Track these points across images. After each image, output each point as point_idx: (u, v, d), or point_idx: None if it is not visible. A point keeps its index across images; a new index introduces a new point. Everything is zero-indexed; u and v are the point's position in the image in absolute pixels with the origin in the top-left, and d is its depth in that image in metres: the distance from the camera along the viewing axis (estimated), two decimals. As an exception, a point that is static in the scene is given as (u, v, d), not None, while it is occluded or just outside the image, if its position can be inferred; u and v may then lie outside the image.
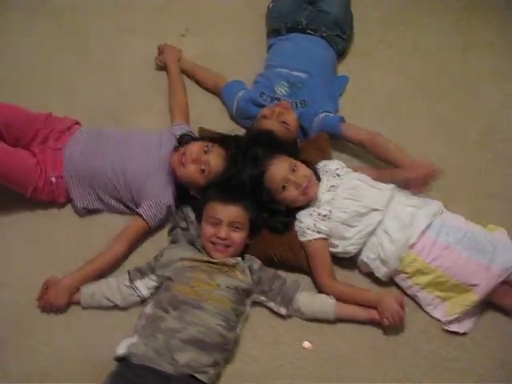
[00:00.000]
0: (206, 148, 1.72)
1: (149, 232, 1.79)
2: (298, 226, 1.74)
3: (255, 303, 1.65)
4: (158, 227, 1.81)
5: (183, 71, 2.21)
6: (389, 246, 1.67)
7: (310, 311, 1.63)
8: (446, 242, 1.65)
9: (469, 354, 1.61)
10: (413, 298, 1.70)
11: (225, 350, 1.52)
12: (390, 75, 2.29)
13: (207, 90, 2.20)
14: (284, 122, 1.85)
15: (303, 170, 1.72)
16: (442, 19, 2.51)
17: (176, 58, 2.22)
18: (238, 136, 1.89)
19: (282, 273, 1.71)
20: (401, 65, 2.34)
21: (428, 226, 1.67)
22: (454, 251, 1.64)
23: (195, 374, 1.44)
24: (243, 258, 1.67)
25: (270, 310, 1.65)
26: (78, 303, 1.65)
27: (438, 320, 1.66)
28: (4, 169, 1.72)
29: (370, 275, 1.73)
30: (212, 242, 1.63)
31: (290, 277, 1.69)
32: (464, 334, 1.64)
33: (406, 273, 1.67)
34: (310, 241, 1.70)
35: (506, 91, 2.24)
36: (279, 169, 1.70)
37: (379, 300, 1.60)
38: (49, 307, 1.63)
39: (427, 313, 1.68)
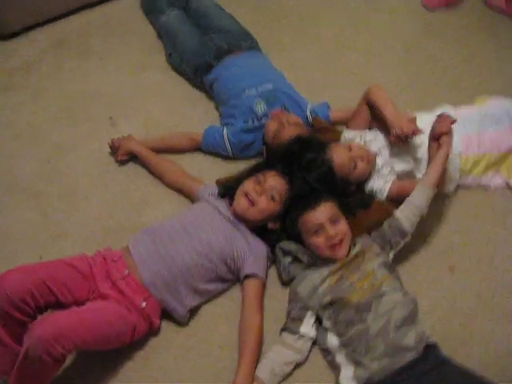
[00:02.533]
0: (258, 179, 1.77)
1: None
2: (375, 193, 1.89)
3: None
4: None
5: (151, 149, 2.13)
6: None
7: (419, 210, 1.70)
8: (475, 130, 1.94)
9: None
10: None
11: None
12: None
13: (184, 151, 2.17)
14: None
15: (355, 145, 1.88)
16: None
17: (136, 141, 2.14)
18: (264, 161, 1.96)
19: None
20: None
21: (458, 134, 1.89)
22: (486, 132, 1.94)
23: (428, 342, 1.52)
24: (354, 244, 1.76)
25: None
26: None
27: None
28: (104, 333, 1.51)
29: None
30: (330, 247, 1.69)
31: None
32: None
33: (468, 171, 1.94)
34: (389, 190, 1.87)
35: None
36: (341, 154, 1.82)
37: (432, 131, 1.75)
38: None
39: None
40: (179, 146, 2.16)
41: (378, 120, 1.96)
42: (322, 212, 1.70)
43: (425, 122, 1.92)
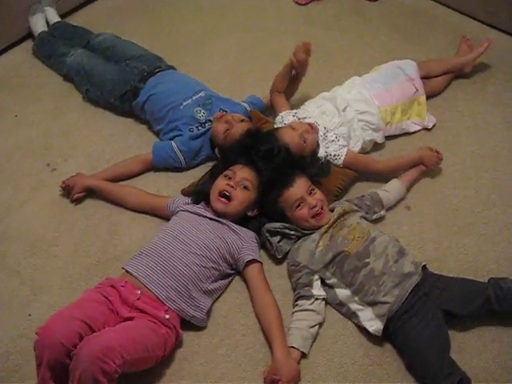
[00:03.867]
0: (228, 175, 1.90)
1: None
2: (329, 158, 2.10)
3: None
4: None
5: (106, 179, 2.15)
6: (371, 118, 2.21)
7: (393, 200, 2.05)
8: (381, 88, 2.29)
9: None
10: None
11: None
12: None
13: (136, 174, 2.20)
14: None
15: (296, 123, 2.12)
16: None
17: (88, 176, 2.14)
18: (220, 162, 2.09)
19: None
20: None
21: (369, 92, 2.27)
22: (391, 87, 2.30)
23: (423, 264, 1.76)
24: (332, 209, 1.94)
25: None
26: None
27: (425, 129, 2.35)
28: (143, 346, 1.54)
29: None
30: (314, 217, 1.85)
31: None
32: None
33: (389, 122, 2.27)
34: (345, 157, 2.10)
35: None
36: (291, 135, 2.03)
37: (421, 156, 2.12)
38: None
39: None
40: (131, 170, 2.20)
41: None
42: (299, 187, 1.87)
43: (342, 93, 2.26)
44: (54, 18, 2.83)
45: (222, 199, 1.86)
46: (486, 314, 1.71)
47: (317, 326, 1.74)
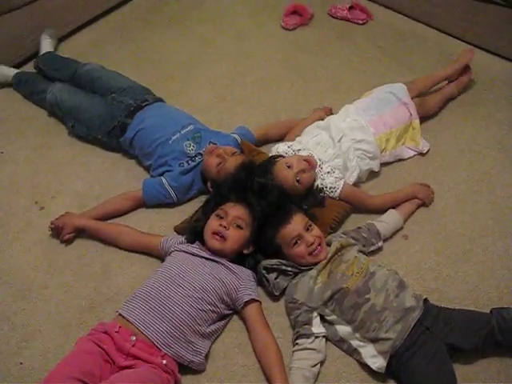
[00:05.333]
0: (219, 215, 1.85)
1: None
2: (325, 190, 2.07)
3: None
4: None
5: (94, 219, 2.09)
6: (368, 147, 2.18)
7: (390, 230, 2.02)
8: (375, 115, 2.26)
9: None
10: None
11: None
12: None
13: (127, 212, 2.15)
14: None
15: (293, 159, 2.05)
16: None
17: (78, 215, 2.09)
18: (213, 195, 2.03)
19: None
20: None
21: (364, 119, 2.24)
22: (384, 114, 2.27)
23: (424, 298, 1.73)
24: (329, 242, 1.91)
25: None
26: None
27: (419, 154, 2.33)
28: None
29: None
30: (311, 253, 1.81)
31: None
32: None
33: (384, 149, 2.24)
34: (341, 190, 2.07)
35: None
36: (285, 176, 1.99)
37: (415, 191, 2.12)
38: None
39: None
40: (121, 208, 2.15)
41: None
42: (296, 223, 1.83)
43: (337, 122, 2.22)
44: (47, 48, 2.80)
45: (217, 236, 1.82)
46: (490, 346, 1.68)
47: (318, 365, 1.70)
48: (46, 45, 2.82)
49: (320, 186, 2.06)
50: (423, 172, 2.28)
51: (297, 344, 1.73)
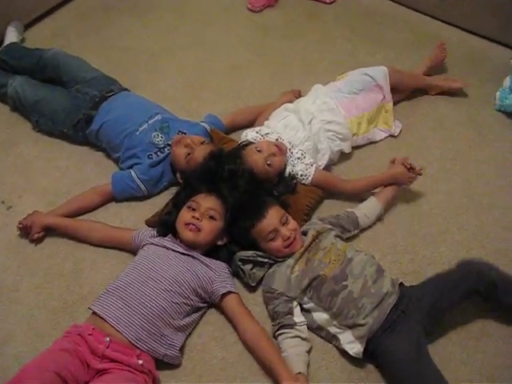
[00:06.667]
0: (191, 207, 1.82)
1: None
2: (297, 177, 2.04)
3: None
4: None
5: (64, 216, 2.03)
6: (338, 128, 2.15)
7: (369, 222, 1.99)
8: (347, 98, 2.23)
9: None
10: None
11: None
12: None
13: (97, 207, 2.10)
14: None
15: (263, 144, 2.01)
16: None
17: (46, 214, 2.03)
18: (183, 186, 2.00)
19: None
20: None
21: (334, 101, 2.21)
22: (357, 96, 2.24)
23: (400, 282, 1.74)
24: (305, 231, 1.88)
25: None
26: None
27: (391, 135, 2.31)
28: None
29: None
30: (287, 246, 1.79)
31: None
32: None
33: (356, 132, 2.21)
34: (313, 176, 2.04)
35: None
36: (255, 159, 1.95)
37: (393, 175, 2.02)
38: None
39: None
40: (91, 203, 2.09)
41: None
42: (272, 217, 1.80)
43: (306, 105, 2.19)
44: (11, 40, 2.70)
45: (191, 226, 1.78)
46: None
47: (309, 351, 1.69)
48: (11, 36, 2.72)
49: (291, 172, 2.02)
50: (395, 153, 2.24)
51: (281, 334, 1.70)
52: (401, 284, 1.74)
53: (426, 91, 2.50)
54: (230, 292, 1.76)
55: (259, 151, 1.97)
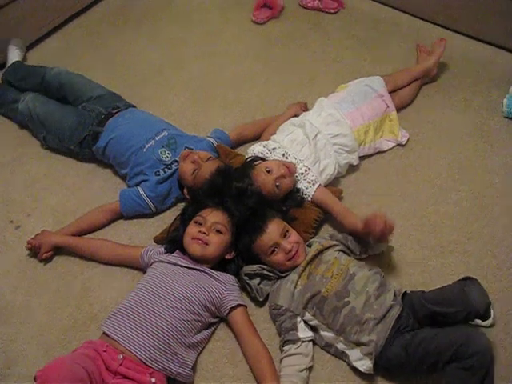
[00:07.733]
0: (198, 221, 1.82)
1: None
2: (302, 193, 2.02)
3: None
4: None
5: (72, 235, 2.04)
6: (344, 140, 2.14)
7: (376, 250, 1.91)
8: (352, 108, 2.22)
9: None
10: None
11: None
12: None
13: (105, 225, 2.10)
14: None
15: (272, 164, 1.99)
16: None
17: (55, 233, 2.04)
18: (190, 202, 2.00)
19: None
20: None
21: (339, 112, 2.20)
22: (362, 106, 2.23)
23: (404, 291, 1.70)
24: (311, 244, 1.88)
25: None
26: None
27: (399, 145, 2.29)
28: None
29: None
30: (289, 259, 1.79)
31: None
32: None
33: (362, 141, 2.20)
34: (313, 196, 2.02)
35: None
36: (264, 182, 1.93)
37: (367, 225, 1.77)
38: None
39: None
40: (99, 221, 2.09)
41: None
42: (273, 231, 1.79)
43: (312, 118, 2.19)
44: (14, 59, 2.71)
45: (198, 241, 1.78)
46: None
47: (306, 370, 1.67)
48: (13, 55, 2.74)
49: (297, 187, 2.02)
50: (403, 162, 2.25)
51: (283, 351, 1.70)
52: (405, 293, 1.71)
53: (431, 80, 2.54)
54: (238, 305, 1.76)
55: (268, 172, 1.95)
